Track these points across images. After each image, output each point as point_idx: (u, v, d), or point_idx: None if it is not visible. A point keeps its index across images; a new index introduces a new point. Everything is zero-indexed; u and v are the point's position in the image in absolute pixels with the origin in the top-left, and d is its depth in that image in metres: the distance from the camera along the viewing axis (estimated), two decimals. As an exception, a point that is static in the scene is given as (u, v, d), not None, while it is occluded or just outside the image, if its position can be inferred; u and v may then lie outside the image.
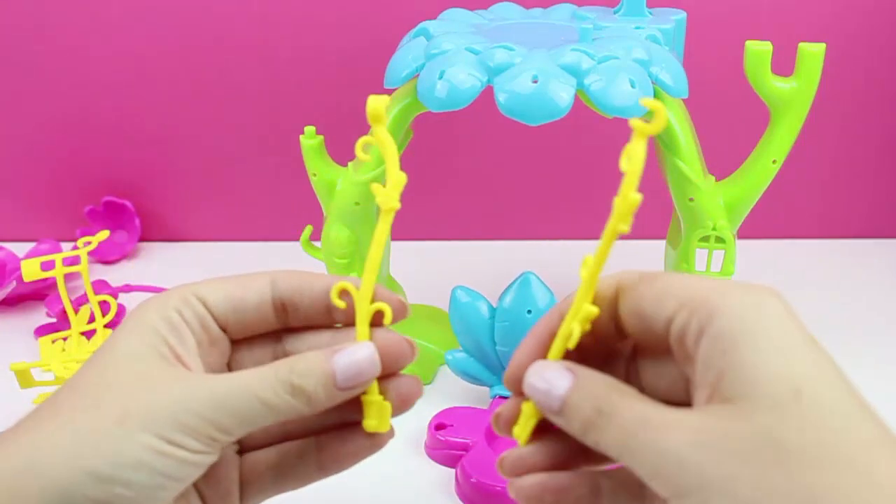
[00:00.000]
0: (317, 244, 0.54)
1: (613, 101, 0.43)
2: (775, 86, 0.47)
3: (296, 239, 0.55)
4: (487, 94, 0.44)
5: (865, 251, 0.71)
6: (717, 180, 0.50)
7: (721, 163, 0.51)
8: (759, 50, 0.47)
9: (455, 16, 0.52)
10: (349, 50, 0.65)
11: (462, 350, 0.49)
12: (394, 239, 0.56)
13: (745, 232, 0.52)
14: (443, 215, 0.71)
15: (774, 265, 0.68)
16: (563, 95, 0.42)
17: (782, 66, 0.48)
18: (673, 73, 0.45)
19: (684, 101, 0.48)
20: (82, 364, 0.31)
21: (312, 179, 0.52)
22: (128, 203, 0.69)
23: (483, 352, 0.48)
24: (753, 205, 0.50)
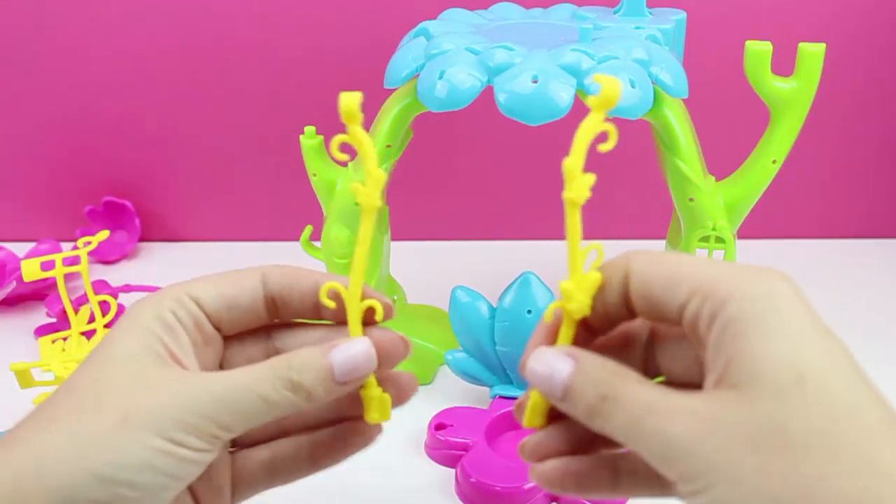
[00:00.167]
0: (317, 244, 0.54)
1: (613, 101, 0.43)
2: (775, 86, 0.47)
3: (296, 239, 0.55)
4: (487, 94, 0.44)
5: (865, 251, 0.71)
6: (717, 180, 0.50)
7: (721, 163, 0.51)
8: (759, 50, 0.47)
9: (455, 16, 0.52)
10: (349, 50, 0.65)
11: (462, 350, 0.49)
12: (394, 239, 0.56)
13: (745, 232, 0.52)
14: (443, 215, 0.71)
15: (774, 265, 0.67)
16: (563, 95, 0.42)
17: (782, 66, 0.48)
18: (673, 73, 0.45)
19: (684, 101, 0.48)
20: (79, 364, 0.31)
21: (312, 179, 0.52)
22: (128, 203, 0.69)
23: (483, 352, 0.48)
24: (753, 205, 0.50)
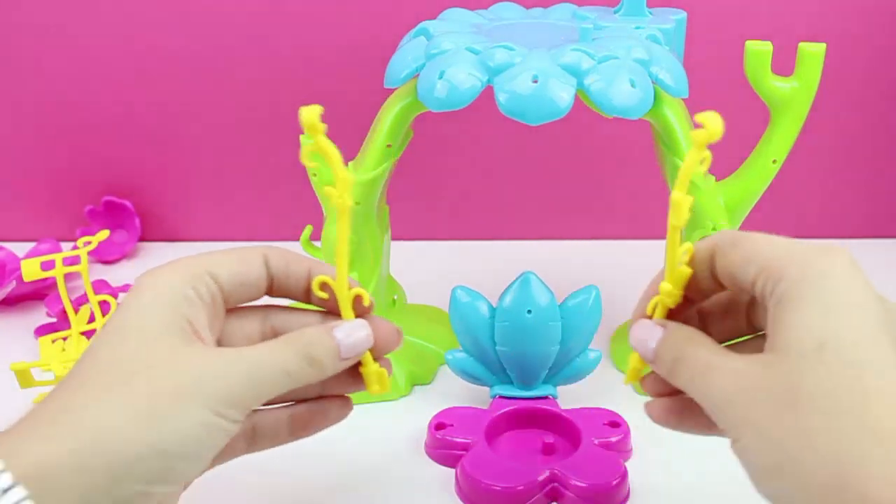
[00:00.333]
0: (317, 244, 0.54)
1: (613, 101, 0.43)
2: (775, 86, 0.47)
3: (296, 239, 0.55)
4: (487, 94, 0.44)
5: (865, 251, 0.71)
6: (717, 180, 0.50)
7: (721, 163, 0.51)
8: (759, 50, 0.47)
9: (455, 16, 0.52)
10: (349, 50, 0.65)
11: (462, 350, 0.49)
12: (394, 239, 0.56)
13: (745, 232, 0.51)
14: (443, 215, 0.71)
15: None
16: (563, 95, 0.42)
17: (782, 66, 0.48)
18: (673, 73, 0.45)
19: (684, 100, 0.48)
20: (100, 336, 0.33)
21: (312, 179, 0.52)
22: (128, 203, 0.69)
23: (483, 352, 0.48)
24: (753, 205, 0.50)
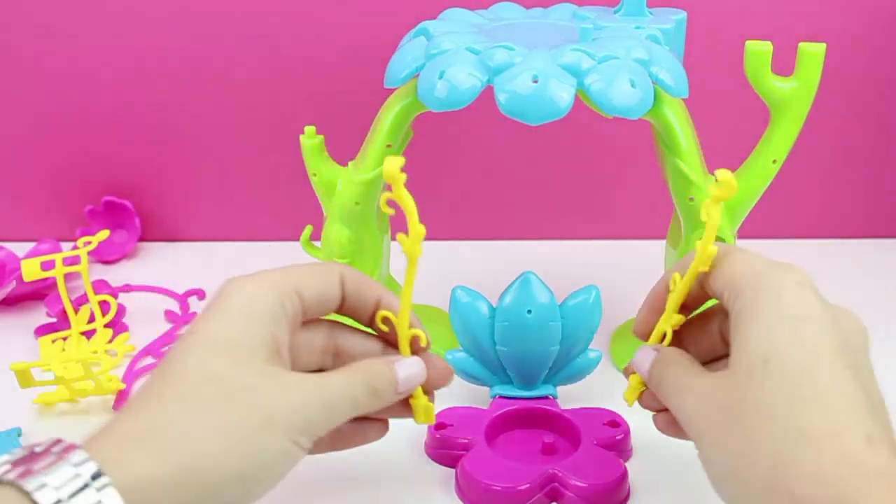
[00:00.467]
0: (317, 244, 0.54)
1: (613, 101, 0.43)
2: (775, 86, 0.47)
3: (296, 239, 0.55)
4: (487, 94, 0.44)
5: (865, 251, 0.71)
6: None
7: (721, 163, 0.51)
8: (759, 50, 0.47)
9: (455, 16, 0.52)
10: (349, 50, 0.65)
11: (462, 350, 0.49)
12: (394, 239, 0.56)
13: (745, 232, 0.52)
14: (443, 215, 0.71)
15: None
16: (563, 95, 0.42)
17: (782, 66, 0.48)
18: (673, 73, 0.45)
19: (684, 100, 0.48)
20: (192, 343, 0.34)
21: (312, 179, 0.52)
22: (128, 203, 0.69)
23: (483, 352, 0.48)
24: (753, 205, 0.50)
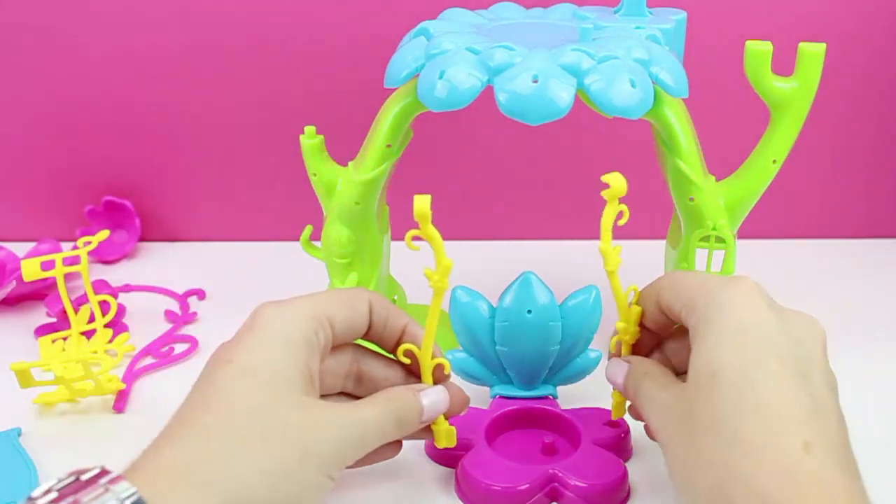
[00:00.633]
0: (317, 244, 0.54)
1: (613, 101, 0.43)
2: (775, 86, 0.47)
3: (296, 239, 0.55)
4: (487, 94, 0.44)
5: (865, 251, 0.71)
6: (717, 180, 0.50)
7: (721, 163, 0.51)
8: (759, 50, 0.47)
9: (455, 16, 0.52)
10: (349, 50, 0.65)
11: (462, 350, 0.49)
12: (394, 239, 0.56)
13: (745, 232, 0.52)
14: (443, 215, 0.71)
15: (774, 265, 0.68)
16: (563, 95, 0.42)
17: (782, 66, 0.48)
18: (673, 73, 0.45)
19: (684, 100, 0.48)
20: (231, 372, 0.35)
21: (312, 179, 0.52)
22: (128, 203, 0.69)
23: (483, 352, 0.48)
24: (753, 205, 0.50)
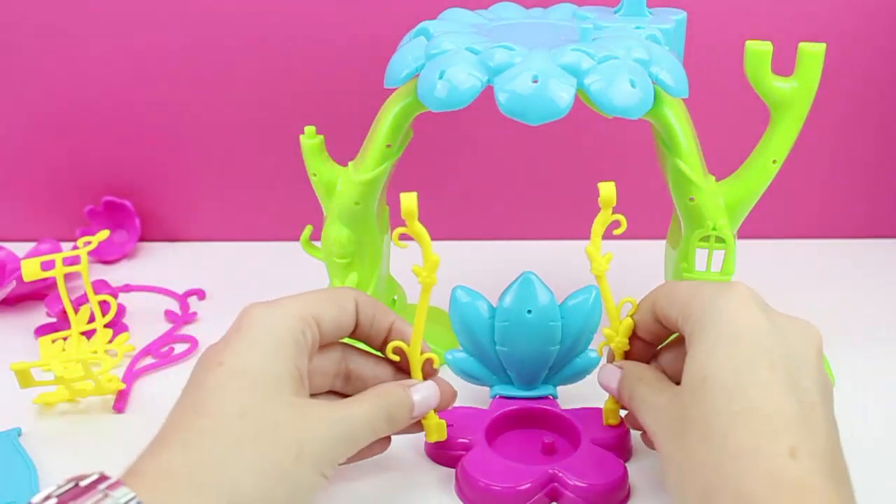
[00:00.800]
0: (317, 244, 0.54)
1: (613, 101, 0.43)
2: (775, 86, 0.47)
3: (296, 239, 0.55)
4: (487, 94, 0.44)
5: (865, 251, 0.71)
6: (717, 180, 0.50)
7: (721, 163, 0.51)
8: (759, 50, 0.47)
9: (455, 16, 0.52)
10: (349, 50, 0.65)
11: (462, 350, 0.49)
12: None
13: (745, 232, 0.52)
14: (443, 215, 0.71)
15: (774, 265, 0.68)
16: (563, 95, 0.42)
17: (782, 66, 0.48)
18: (673, 73, 0.45)
19: (684, 100, 0.48)
20: (222, 374, 0.35)
21: (312, 179, 0.52)
22: (128, 203, 0.69)
23: (483, 352, 0.48)
24: (753, 205, 0.50)
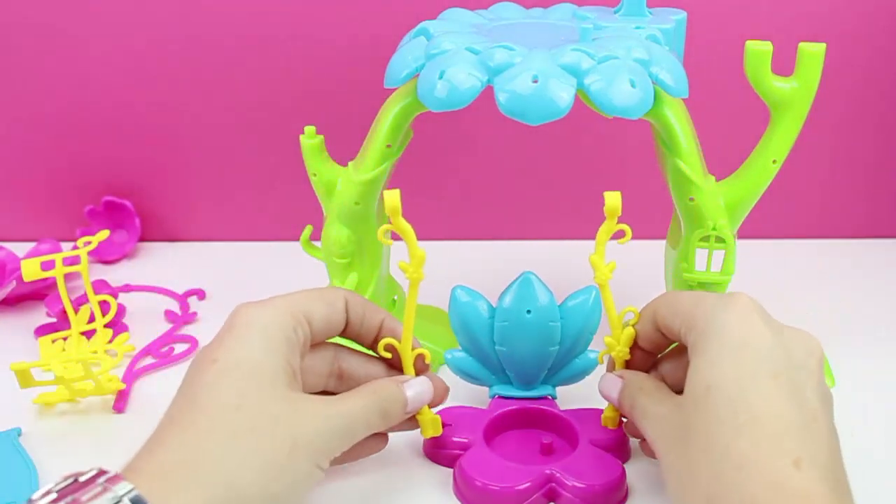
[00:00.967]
0: (317, 244, 0.54)
1: (613, 101, 0.43)
2: (775, 86, 0.47)
3: (296, 239, 0.55)
4: (487, 94, 0.44)
5: (865, 251, 0.71)
6: (717, 180, 0.50)
7: (721, 163, 0.51)
8: (759, 50, 0.47)
9: (455, 16, 0.52)
10: (349, 50, 0.65)
11: (461, 350, 0.49)
12: (394, 239, 0.56)
13: (745, 232, 0.52)
14: (443, 215, 0.71)
15: (774, 265, 0.68)
16: (563, 95, 0.42)
17: (782, 66, 0.48)
18: (673, 73, 0.45)
19: (684, 100, 0.48)
20: (216, 370, 0.36)
21: (312, 179, 0.52)
22: (128, 203, 0.69)
23: (483, 352, 0.48)
24: (753, 205, 0.50)
